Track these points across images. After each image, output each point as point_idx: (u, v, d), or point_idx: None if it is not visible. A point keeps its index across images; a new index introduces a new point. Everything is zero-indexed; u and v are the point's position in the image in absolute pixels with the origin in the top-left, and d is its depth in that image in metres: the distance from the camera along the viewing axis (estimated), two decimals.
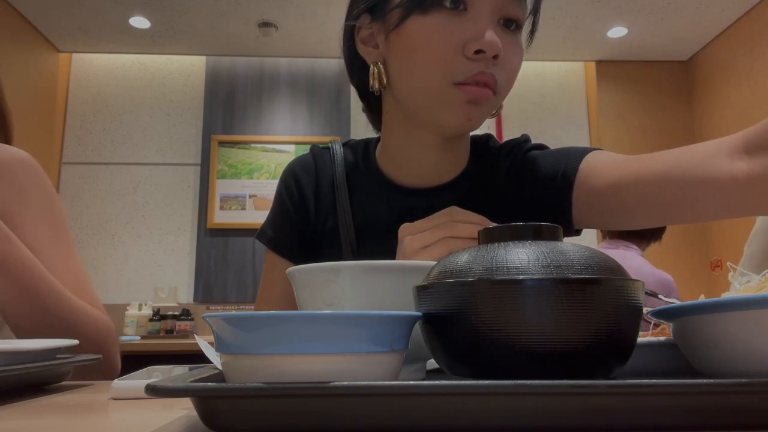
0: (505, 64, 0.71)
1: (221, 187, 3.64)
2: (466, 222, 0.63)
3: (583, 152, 0.76)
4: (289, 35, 3.58)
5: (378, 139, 0.88)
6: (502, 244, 0.37)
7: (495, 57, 0.69)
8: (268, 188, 3.65)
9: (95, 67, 3.77)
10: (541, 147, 0.84)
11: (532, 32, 0.78)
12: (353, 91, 0.88)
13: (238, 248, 3.59)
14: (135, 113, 3.74)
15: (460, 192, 0.80)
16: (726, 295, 0.43)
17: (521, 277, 0.34)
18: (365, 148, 0.88)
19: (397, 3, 0.72)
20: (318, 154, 0.89)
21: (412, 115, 0.76)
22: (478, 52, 0.68)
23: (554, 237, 0.38)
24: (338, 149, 0.87)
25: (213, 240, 3.59)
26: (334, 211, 0.83)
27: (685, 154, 0.64)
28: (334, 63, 3.82)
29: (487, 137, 0.89)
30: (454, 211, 0.65)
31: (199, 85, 3.78)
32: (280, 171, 3.68)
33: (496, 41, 0.68)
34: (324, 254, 0.84)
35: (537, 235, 0.38)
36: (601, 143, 3.80)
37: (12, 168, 0.88)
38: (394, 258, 0.67)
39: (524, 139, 0.86)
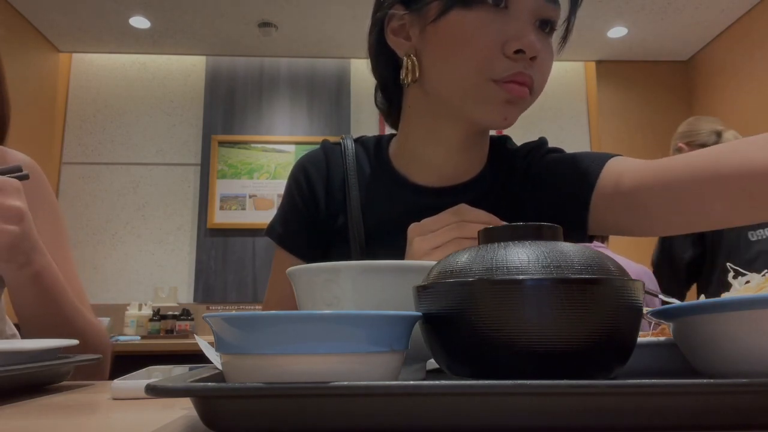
0: (540, 66, 0.71)
1: (221, 187, 3.64)
2: (476, 221, 0.63)
3: (605, 156, 0.76)
4: (289, 35, 3.58)
5: (391, 136, 0.87)
6: (502, 244, 0.37)
7: (532, 58, 0.69)
8: (268, 188, 3.65)
9: (95, 67, 3.77)
10: (559, 151, 0.84)
11: (565, 38, 0.78)
12: (353, 91, 0.88)
13: (238, 248, 3.59)
14: (135, 113, 3.74)
15: (475, 193, 0.79)
16: (726, 295, 0.43)
17: (521, 277, 0.33)
18: (377, 144, 0.87)
19: None
20: (329, 149, 0.87)
21: (442, 109, 0.76)
22: (517, 51, 0.68)
23: (554, 237, 0.38)
24: (350, 145, 0.86)
25: (213, 240, 3.59)
26: (344, 208, 0.82)
27: (714, 149, 0.64)
28: (334, 63, 3.82)
29: (505, 138, 0.88)
30: (464, 210, 0.64)
31: (199, 85, 3.78)
32: (281, 171, 3.66)
33: (535, 42, 0.68)
34: (333, 252, 0.83)
35: (537, 235, 0.38)
36: (601, 143, 3.81)
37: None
38: (404, 257, 0.66)
39: (542, 142, 0.86)
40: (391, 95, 0.84)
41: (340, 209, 0.83)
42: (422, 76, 0.75)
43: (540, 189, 0.80)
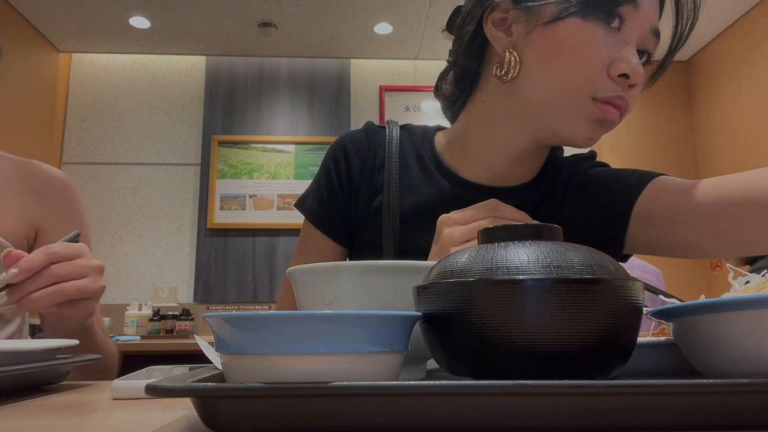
0: (634, 94, 0.70)
1: (221, 187, 3.63)
2: (508, 218, 0.62)
3: (650, 174, 0.75)
4: (289, 35, 3.58)
5: (437, 128, 0.87)
6: (502, 244, 0.37)
7: (631, 86, 0.68)
8: (268, 188, 3.65)
9: (95, 67, 3.77)
10: (605, 165, 0.84)
11: (657, 75, 0.76)
12: (353, 91, 0.88)
13: (238, 248, 3.59)
14: (135, 113, 3.74)
15: (521, 199, 0.78)
16: (726, 296, 0.43)
17: (521, 277, 0.33)
18: (424, 133, 0.86)
19: None
20: (372, 131, 0.86)
21: (524, 113, 0.73)
22: (621, 75, 0.67)
23: (554, 237, 0.38)
24: (395, 130, 0.85)
25: (213, 240, 3.59)
26: (380, 191, 0.81)
27: (764, 171, 0.63)
28: (334, 63, 3.82)
29: (556, 147, 0.87)
30: (496, 206, 0.63)
31: (199, 85, 3.78)
32: (281, 171, 3.65)
33: (641, 70, 0.67)
34: (364, 234, 0.82)
35: (537, 236, 0.38)
36: (601, 143, 3.79)
37: (57, 190, 0.98)
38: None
39: (591, 155, 0.85)
40: (465, 86, 0.81)
41: (376, 191, 0.82)
42: (517, 76, 0.72)
43: (580, 201, 0.79)
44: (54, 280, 0.70)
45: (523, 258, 0.35)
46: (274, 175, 3.66)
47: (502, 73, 0.72)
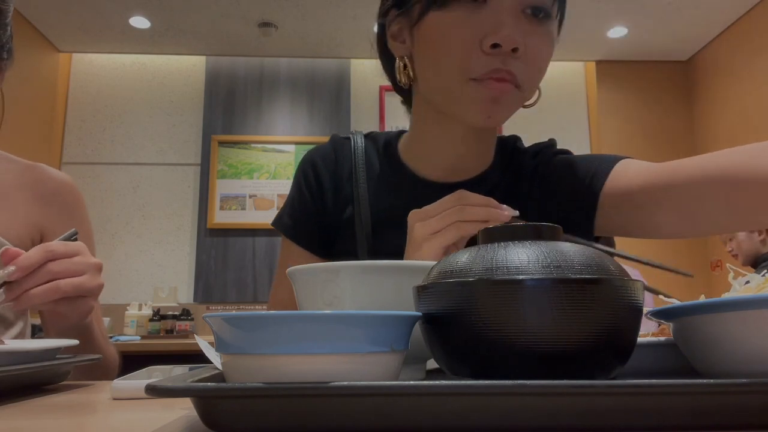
0: (529, 57, 0.69)
1: (221, 187, 3.64)
2: (476, 205, 0.62)
3: (614, 158, 0.76)
4: (289, 35, 3.58)
5: (401, 132, 0.89)
6: (502, 244, 0.37)
7: (514, 50, 0.67)
8: (267, 188, 3.65)
9: (95, 67, 3.77)
10: (568, 152, 0.85)
11: (560, 21, 0.75)
12: (353, 91, 0.89)
13: (238, 248, 3.59)
14: (135, 113, 3.74)
15: (482, 190, 0.78)
16: (726, 296, 0.43)
17: (521, 277, 0.33)
18: (387, 139, 0.88)
19: None
20: (338, 143, 0.88)
21: (437, 109, 0.77)
22: (494, 46, 0.66)
23: (554, 237, 0.38)
24: (359, 140, 0.87)
25: (213, 240, 3.59)
26: (351, 201, 0.83)
27: (725, 152, 0.63)
28: (334, 63, 3.82)
29: (515, 138, 0.89)
30: (463, 195, 0.64)
31: (199, 85, 3.78)
32: (281, 171, 3.66)
33: (512, 34, 0.66)
34: (339, 244, 0.84)
35: (537, 235, 0.38)
36: (601, 143, 3.80)
37: (63, 194, 0.99)
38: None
39: (551, 144, 0.87)
40: (403, 95, 0.86)
41: (347, 201, 0.84)
42: (415, 78, 0.77)
43: (547, 189, 0.80)
44: (51, 277, 0.70)
45: (523, 258, 0.35)
46: (274, 175, 3.66)
47: (398, 79, 0.77)
